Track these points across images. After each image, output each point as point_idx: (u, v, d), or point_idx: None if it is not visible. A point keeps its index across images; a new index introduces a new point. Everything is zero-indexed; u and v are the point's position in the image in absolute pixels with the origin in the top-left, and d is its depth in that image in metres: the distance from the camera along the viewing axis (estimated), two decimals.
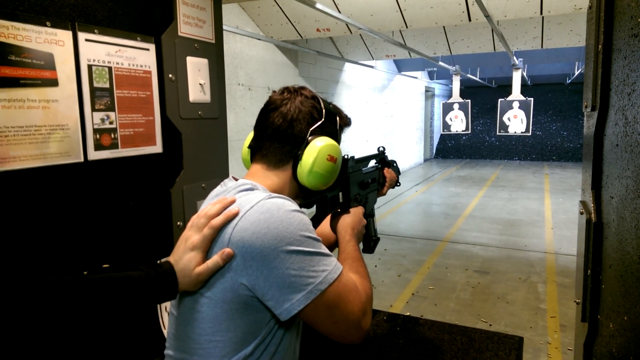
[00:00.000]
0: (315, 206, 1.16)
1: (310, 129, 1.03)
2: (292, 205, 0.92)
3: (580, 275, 1.12)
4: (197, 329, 0.91)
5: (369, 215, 1.36)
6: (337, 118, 1.11)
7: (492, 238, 6.25)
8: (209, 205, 0.95)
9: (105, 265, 1.46)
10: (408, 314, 3.90)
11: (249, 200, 0.91)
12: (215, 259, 0.88)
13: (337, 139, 1.11)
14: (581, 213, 1.15)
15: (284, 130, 1.02)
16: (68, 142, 1.31)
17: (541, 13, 4.72)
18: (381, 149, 1.47)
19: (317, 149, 1.01)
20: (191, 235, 0.92)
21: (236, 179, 1.06)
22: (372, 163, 1.44)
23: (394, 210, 8.12)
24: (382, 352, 1.54)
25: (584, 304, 1.08)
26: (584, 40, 5.90)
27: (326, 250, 0.91)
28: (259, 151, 1.06)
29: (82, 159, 1.35)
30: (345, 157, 1.20)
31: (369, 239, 1.36)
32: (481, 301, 4.18)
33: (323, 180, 1.04)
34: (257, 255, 0.85)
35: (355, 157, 1.25)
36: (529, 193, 9.72)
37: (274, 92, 1.09)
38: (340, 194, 1.21)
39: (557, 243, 5.95)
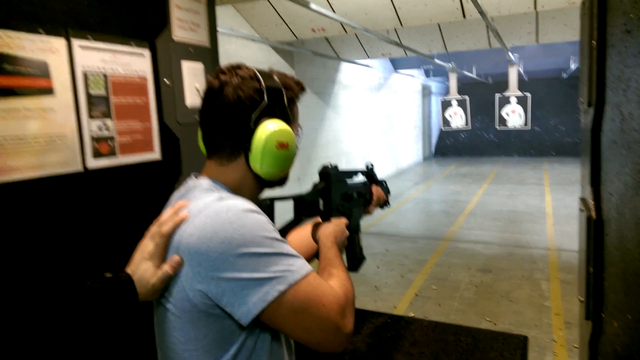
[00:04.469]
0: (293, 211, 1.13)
1: (253, 117, 0.93)
2: (247, 205, 0.87)
3: (583, 273, 1.12)
4: (171, 337, 0.90)
5: (354, 231, 1.30)
6: (283, 92, 0.98)
7: (493, 236, 6.24)
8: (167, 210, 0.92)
9: (107, 274, 1.45)
10: (412, 314, 3.90)
11: (197, 204, 0.88)
12: (164, 268, 0.86)
13: (288, 116, 0.99)
14: (581, 210, 1.14)
15: (225, 122, 0.94)
16: (66, 151, 1.30)
17: (535, 8, 4.72)
18: (369, 165, 1.42)
19: (263, 139, 0.92)
20: (146, 244, 0.90)
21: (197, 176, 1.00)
22: (361, 179, 1.40)
23: (395, 210, 8.12)
24: (386, 354, 1.53)
25: (587, 302, 1.07)
26: (578, 34, 5.89)
27: (290, 251, 0.86)
28: (208, 148, 0.99)
29: (81, 168, 1.34)
30: (329, 165, 1.17)
31: (354, 256, 1.30)
32: (485, 300, 4.17)
33: (279, 168, 0.97)
34: (203, 262, 0.82)
35: (340, 168, 1.22)
36: (529, 189, 9.72)
37: (209, 75, 0.97)
38: (321, 201, 1.17)
39: (559, 239, 5.94)
